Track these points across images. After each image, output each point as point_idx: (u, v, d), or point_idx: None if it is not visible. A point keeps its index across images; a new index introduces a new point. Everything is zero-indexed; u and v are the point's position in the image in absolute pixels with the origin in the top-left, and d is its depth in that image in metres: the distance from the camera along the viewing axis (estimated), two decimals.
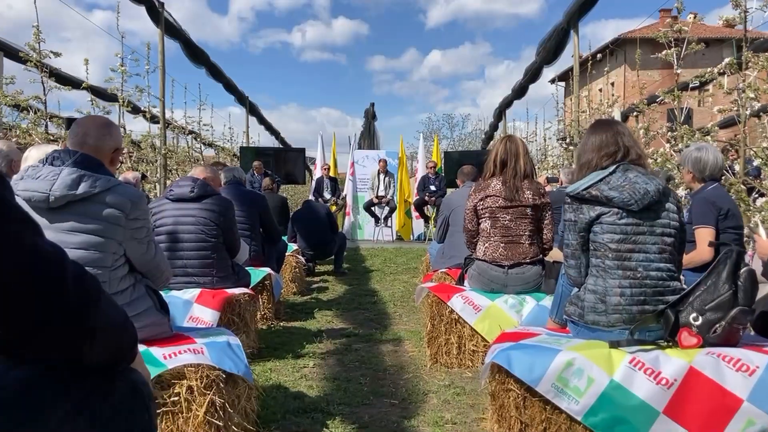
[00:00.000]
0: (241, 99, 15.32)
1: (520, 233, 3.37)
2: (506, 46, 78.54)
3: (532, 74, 13.25)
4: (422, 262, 6.28)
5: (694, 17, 6.59)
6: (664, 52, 5.67)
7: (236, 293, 3.45)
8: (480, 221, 3.47)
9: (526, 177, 3.40)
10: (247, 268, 4.37)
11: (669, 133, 6.05)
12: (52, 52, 6.39)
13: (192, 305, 3.30)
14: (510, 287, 3.35)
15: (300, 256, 6.41)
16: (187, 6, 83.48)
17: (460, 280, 3.69)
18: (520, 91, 15.08)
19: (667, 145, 6.18)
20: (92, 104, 7.45)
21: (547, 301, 3.25)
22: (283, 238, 7.32)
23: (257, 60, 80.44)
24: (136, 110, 9.14)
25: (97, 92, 8.08)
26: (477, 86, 76.22)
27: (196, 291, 3.37)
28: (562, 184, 6.00)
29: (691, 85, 5.90)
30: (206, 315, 3.26)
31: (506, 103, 16.38)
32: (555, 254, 3.68)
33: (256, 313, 3.85)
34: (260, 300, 4.39)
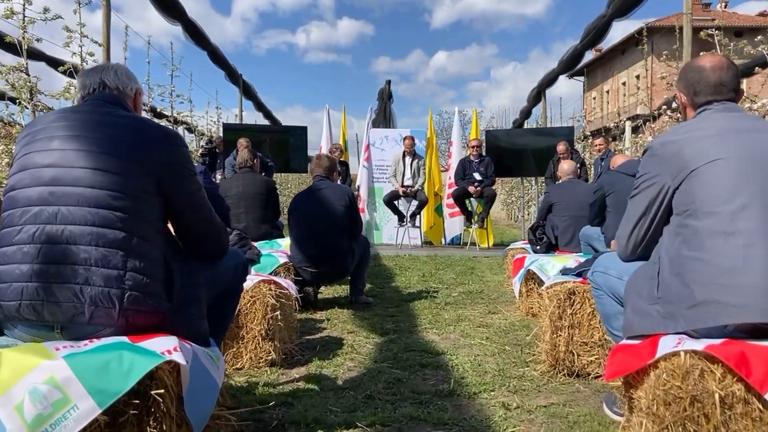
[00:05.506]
0: (233, 76, 12.43)
1: None
2: (513, 47, 76.39)
3: (597, 33, 10.17)
4: (530, 294, 3.20)
5: (725, 6, 4.66)
6: None
7: None
8: None
9: None
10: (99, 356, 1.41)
11: None
12: None
13: None
14: None
15: (287, 282, 3.35)
16: (189, 6, 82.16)
17: None
18: (572, 60, 11.92)
19: None
20: None
21: None
22: (272, 244, 4.36)
23: (261, 61, 78.34)
24: (49, 61, 6.03)
25: None
26: (483, 87, 74.31)
27: None
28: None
29: None
30: None
31: (549, 80, 13.18)
32: None
33: None
34: None
